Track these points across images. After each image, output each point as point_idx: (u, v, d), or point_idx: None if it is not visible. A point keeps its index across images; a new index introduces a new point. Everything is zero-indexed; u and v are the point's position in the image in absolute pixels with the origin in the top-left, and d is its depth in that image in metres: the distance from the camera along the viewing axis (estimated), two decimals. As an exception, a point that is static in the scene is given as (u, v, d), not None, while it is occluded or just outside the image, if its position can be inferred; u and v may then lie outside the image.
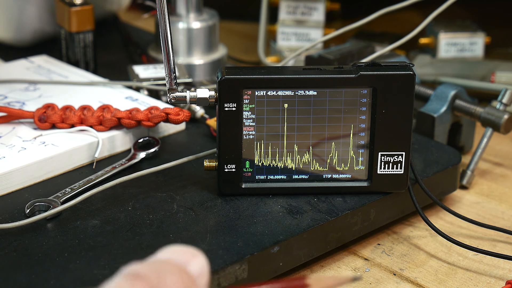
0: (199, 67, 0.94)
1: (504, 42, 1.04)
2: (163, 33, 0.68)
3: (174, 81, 0.69)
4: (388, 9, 0.86)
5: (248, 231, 0.65)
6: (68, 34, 0.93)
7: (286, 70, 0.69)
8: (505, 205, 0.79)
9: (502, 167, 0.87)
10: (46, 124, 0.77)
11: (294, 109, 0.68)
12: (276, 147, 0.69)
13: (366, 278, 0.67)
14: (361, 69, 0.67)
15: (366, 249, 0.71)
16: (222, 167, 0.68)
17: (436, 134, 0.82)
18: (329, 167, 0.70)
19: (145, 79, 0.86)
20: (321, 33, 1.00)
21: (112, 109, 0.77)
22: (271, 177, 0.70)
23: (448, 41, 0.97)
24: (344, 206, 0.69)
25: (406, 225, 0.75)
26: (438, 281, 0.67)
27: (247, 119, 0.67)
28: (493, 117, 0.81)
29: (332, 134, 0.69)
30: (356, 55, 0.89)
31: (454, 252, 0.71)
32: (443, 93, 0.83)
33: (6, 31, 1.01)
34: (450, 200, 0.79)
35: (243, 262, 0.61)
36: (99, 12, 1.04)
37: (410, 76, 0.67)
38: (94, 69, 0.95)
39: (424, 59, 0.98)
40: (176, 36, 0.92)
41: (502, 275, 0.68)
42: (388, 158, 0.69)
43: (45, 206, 0.66)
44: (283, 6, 1.01)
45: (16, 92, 0.84)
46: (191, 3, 0.94)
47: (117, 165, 0.73)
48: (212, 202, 0.69)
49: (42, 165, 0.71)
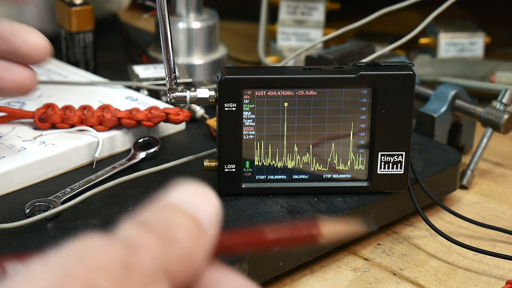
0: (199, 67, 0.94)
1: (504, 42, 1.04)
2: (163, 33, 0.68)
3: (174, 81, 0.69)
4: (388, 9, 0.86)
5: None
6: (68, 34, 0.93)
7: (286, 70, 0.69)
8: (505, 205, 0.79)
9: (502, 167, 0.87)
10: (46, 124, 0.77)
11: (294, 109, 0.68)
12: (276, 147, 0.69)
13: (366, 278, 0.67)
14: (361, 69, 0.67)
15: (366, 249, 0.71)
16: (222, 167, 0.68)
17: (436, 134, 0.82)
18: (329, 167, 0.70)
19: (145, 79, 0.86)
20: (321, 33, 1.00)
21: (112, 109, 0.77)
22: (271, 177, 0.70)
23: (448, 41, 0.97)
24: (344, 206, 0.69)
25: (406, 225, 0.75)
26: (438, 281, 0.67)
27: (247, 119, 0.67)
28: (493, 117, 0.81)
29: (332, 134, 0.69)
30: (356, 55, 0.89)
31: (454, 252, 0.71)
32: (443, 93, 0.83)
33: (6, 31, 1.01)
34: (450, 200, 0.79)
35: (243, 262, 0.61)
36: (99, 12, 1.03)
37: (410, 76, 0.67)
38: (94, 69, 0.94)
39: (424, 59, 0.98)
40: (176, 36, 0.92)
41: (502, 275, 0.68)
42: (388, 158, 0.69)
43: (45, 206, 0.66)
44: (283, 6, 1.01)
45: (16, 92, 0.84)
46: (191, 3, 0.94)
47: (117, 165, 0.73)
48: (212, 202, 0.69)
49: (42, 165, 0.71)
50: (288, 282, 0.67)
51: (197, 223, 0.36)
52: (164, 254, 0.34)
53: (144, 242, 0.34)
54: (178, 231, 0.35)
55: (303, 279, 0.67)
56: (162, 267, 0.34)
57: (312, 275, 0.67)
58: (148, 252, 0.34)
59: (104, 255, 0.32)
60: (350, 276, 0.67)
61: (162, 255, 0.34)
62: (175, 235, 0.35)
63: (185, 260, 0.35)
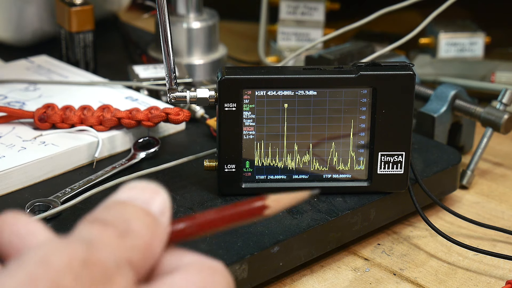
0: (199, 67, 0.94)
1: (504, 42, 1.04)
2: (163, 33, 0.68)
3: (174, 81, 0.69)
4: (388, 9, 0.86)
5: (248, 231, 0.65)
6: (68, 34, 0.93)
7: (286, 70, 0.69)
8: (505, 205, 0.79)
9: (502, 167, 0.87)
10: (46, 124, 0.77)
11: (294, 109, 0.68)
12: (276, 147, 0.69)
13: (366, 278, 0.67)
14: (361, 69, 0.67)
15: (366, 249, 0.71)
16: (222, 167, 0.68)
17: (436, 134, 0.82)
18: (329, 167, 0.70)
19: (145, 79, 0.86)
20: (321, 33, 1.00)
21: (112, 109, 0.77)
22: (271, 177, 0.70)
23: (448, 41, 0.97)
24: (344, 206, 0.69)
25: (406, 225, 0.75)
26: (438, 281, 0.67)
27: (247, 119, 0.67)
28: (493, 117, 0.81)
29: (332, 134, 0.69)
30: (356, 55, 0.89)
31: (454, 252, 0.71)
32: (443, 93, 0.83)
33: (6, 31, 1.01)
34: (450, 200, 0.79)
35: (243, 262, 0.61)
36: (99, 12, 1.04)
37: (410, 76, 0.67)
38: (94, 69, 0.94)
39: (424, 59, 0.98)
40: (176, 36, 0.92)
41: (502, 275, 0.68)
42: (388, 158, 0.69)
43: (45, 206, 0.66)
44: (283, 6, 1.01)
45: (16, 92, 0.84)
46: (191, 3, 0.94)
47: (117, 165, 0.73)
48: (212, 202, 0.69)
49: (42, 165, 0.71)
50: (288, 282, 0.67)
51: (149, 214, 0.37)
52: (123, 246, 0.35)
53: (101, 237, 0.35)
54: (133, 223, 0.36)
55: (303, 279, 0.67)
56: (124, 259, 0.35)
57: (312, 275, 0.67)
58: (107, 246, 0.35)
59: (65, 256, 0.33)
60: (350, 276, 0.67)
61: (122, 247, 0.35)
62: (131, 227, 0.36)
63: (144, 250, 0.36)
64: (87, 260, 0.33)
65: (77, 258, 0.33)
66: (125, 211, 0.37)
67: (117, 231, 0.35)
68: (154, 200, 0.38)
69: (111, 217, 0.36)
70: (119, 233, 0.35)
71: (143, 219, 0.37)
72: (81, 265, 0.33)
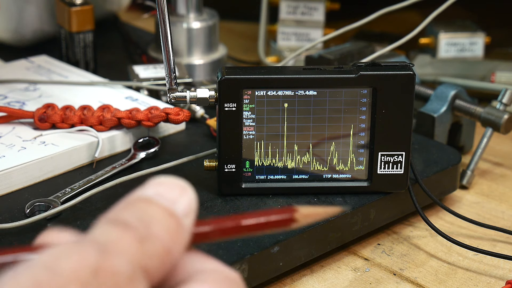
0: (199, 67, 0.94)
1: (504, 42, 1.04)
2: (163, 33, 0.68)
3: (174, 81, 0.69)
4: (388, 9, 0.86)
5: (248, 231, 0.64)
6: (68, 34, 0.93)
7: (286, 70, 0.69)
8: (505, 205, 0.79)
9: (502, 167, 0.87)
10: (46, 124, 0.77)
11: (294, 109, 0.68)
12: (276, 147, 0.69)
13: (366, 278, 0.67)
14: (361, 69, 0.67)
15: (366, 249, 0.71)
16: (222, 167, 0.68)
17: (436, 134, 0.82)
18: (329, 167, 0.70)
19: (145, 79, 0.86)
20: (321, 33, 1.00)
21: (112, 109, 0.77)
22: (271, 177, 0.70)
23: (448, 41, 0.97)
24: (344, 206, 0.69)
25: (406, 225, 0.75)
26: (438, 281, 0.67)
27: (247, 119, 0.67)
28: (493, 117, 0.81)
29: (332, 134, 0.69)
30: (356, 55, 0.89)
31: (454, 252, 0.71)
32: (443, 93, 0.83)
33: (6, 31, 1.01)
34: (450, 200, 0.79)
35: (243, 262, 0.61)
36: (99, 12, 1.04)
37: (410, 76, 0.67)
38: (94, 69, 0.94)
39: (424, 59, 0.98)
40: (176, 36, 0.92)
41: (502, 275, 0.68)
42: (388, 158, 0.69)
43: (45, 206, 0.66)
44: (283, 6, 1.01)
45: (16, 92, 0.84)
46: (191, 3, 0.94)
47: (117, 165, 0.73)
48: (212, 202, 0.69)
49: (42, 165, 0.71)
50: (288, 282, 0.67)
51: (173, 216, 0.35)
52: (141, 252, 0.33)
53: (119, 242, 0.33)
54: (155, 227, 0.34)
55: (303, 279, 0.67)
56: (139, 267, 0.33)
57: (312, 275, 0.67)
58: (123, 253, 0.33)
59: (74, 262, 0.31)
60: (350, 276, 0.67)
61: (139, 254, 0.33)
62: (152, 231, 0.34)
63: (163, 256, 0.34)
64: (98, 268, 0.32)
65: (88, 265, 0.31)
66: (148, 211, 0.35)
67: (137, 235, 0.33)
68: (181, 199, 0.36)
69: (132, 218, 0.34)
70: (139, 238, 0.33)
71: (166, 222, 0.34)
72: (90, 273, 0.31)
